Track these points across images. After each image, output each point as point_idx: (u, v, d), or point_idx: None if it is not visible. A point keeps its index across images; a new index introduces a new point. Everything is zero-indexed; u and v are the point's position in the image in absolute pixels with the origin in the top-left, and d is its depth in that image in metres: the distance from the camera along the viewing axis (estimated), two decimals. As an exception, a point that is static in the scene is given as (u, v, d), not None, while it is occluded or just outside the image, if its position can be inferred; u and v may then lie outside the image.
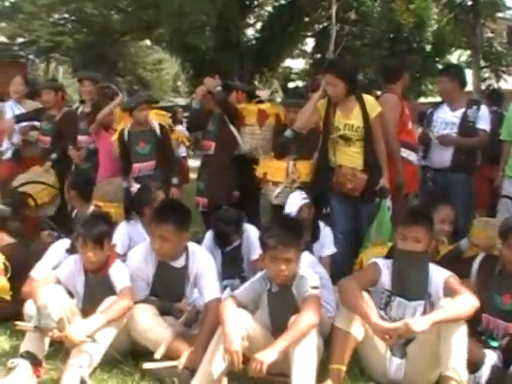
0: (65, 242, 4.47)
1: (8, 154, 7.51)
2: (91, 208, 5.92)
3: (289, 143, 6.02)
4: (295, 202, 5.34)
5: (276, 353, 3.49)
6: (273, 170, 6.05)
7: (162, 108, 8.09)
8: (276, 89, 20.67)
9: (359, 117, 5.39)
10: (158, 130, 6.45)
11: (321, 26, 27.48)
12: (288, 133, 5.93)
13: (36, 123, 7.45)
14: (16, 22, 33.88)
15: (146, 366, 3.87)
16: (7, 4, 34.07)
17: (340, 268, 5.21)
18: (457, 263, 4.41)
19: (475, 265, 4.30)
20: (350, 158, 5.46)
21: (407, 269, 3.93)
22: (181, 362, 3.83)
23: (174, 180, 6.41)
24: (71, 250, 4.49)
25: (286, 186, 5.95)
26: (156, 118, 6.62)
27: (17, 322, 3.91)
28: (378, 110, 5.45)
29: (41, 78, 32.05)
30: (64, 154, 7.01)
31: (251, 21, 27.92)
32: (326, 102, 5.53)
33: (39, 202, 6.57)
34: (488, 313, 4.07)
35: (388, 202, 5.42)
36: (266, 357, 3.45)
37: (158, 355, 3.89)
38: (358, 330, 3.79)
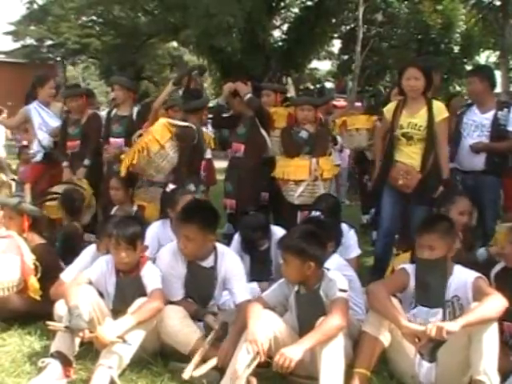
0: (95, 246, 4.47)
1: (38, 157, 7.57)
2: (134, 208, 6.03)
3: (303, 143, 6.12)
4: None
5: (302, 350, 3.48)
6: (294, 168, 6.02)
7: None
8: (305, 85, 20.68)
9: (424, 117, 5.49)
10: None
11: (347, 28, 27.47)
12: (303, 133, 6.09)
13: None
14: (45, 24, 34.28)
15: (195, 373, 3.79)
16: (36, 7, 34.43)
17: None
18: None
19: (492, 273, 4.24)
20: (408, 157, 5.55)
21: (426, 276, 3.90)
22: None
23: (201, 187, 6.43)
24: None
25: (308, 184, 5.93)
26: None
27: (48, 322, 3.93)
28: (444, 114, 5.53)
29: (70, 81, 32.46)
30: (95, 157, 7.05)
31: (277, 22, 28.01)
32: (395, 104, 5.70)
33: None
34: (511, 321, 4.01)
35: None
36: (293, 354, 3.44)
37: (188, 372, 3.83)
38: (385, 336, 3.77)
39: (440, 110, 5.53)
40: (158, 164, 6.10)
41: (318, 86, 25.91)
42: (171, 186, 5.91)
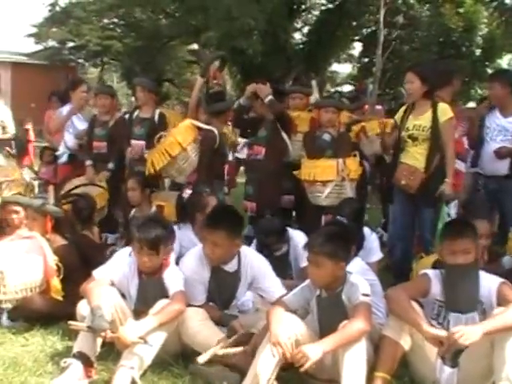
0: (129, 249, 4.48)
1: (63, 158, 7.65)
2: (153, 208, 6.07)
3: (326, 146, 6.16)
4: None
5: (321, 351, 3.46)
6: (321, 169, 6.01)
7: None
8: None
9: (429, 118, 5.61)
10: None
11: (368, 30, 27.38)
12: (326, 136, 6.16)
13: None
14: (66, 27, 34.50)
15: (200, 359, 3.85)
16: (58, 9, 34.69)
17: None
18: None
19: None
20: (413, 157, 5.66)
21: (459, 282, 3.86)
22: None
23: (225, 189, 6.44)
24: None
25: (336, 184, 5.93)
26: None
27: (70, 322, 3.96)
28: (448, 115, 5.62)
29: (91, 83, 32.62)
30: (119, 159, 7.10)
31: (299, 25, 27.97)
32: (404, 109, 5.84)
33: (97, 206, 6.67)
34: None
35: (449, 210, 5.43)
36: (312, 353, 3.43)
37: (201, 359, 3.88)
38: (406, 340, 3.76)
39: (444, 111, 5.61)
40: (179, 166, 6.18)
41: (336, 89, 25.89)
42: (188, 191, 5.94)
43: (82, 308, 4.05)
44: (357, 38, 28.74)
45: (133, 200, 6.28)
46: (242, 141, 9.39)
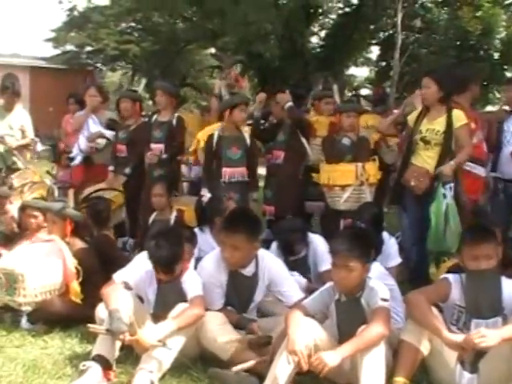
0: None
1: (77, 161, 7.70)
2: (174, 213, 6.08)
3: (346, 151, 6.18)
4: None
5: (339, 357, 3.46)
6: (340, 173, 6.02)
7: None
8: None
9: (443, 123, 5.64)
10: (248, 139, 6.43)
11: (386, 34, 27.25)
12: (346, 140, 6.19)
13: (104, 131, 7.60)
14: (85, 31, 34.64)
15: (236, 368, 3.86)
16: (77, 14, 34.84)
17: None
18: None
19: None
20: (423, 160, 5.70)
21: (481, 288, 3.83)
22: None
23: (254, 195, 6.36)
24: None
25: (354, 189, 5.91)
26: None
27: (89, 325, 3.97)
28: (463, 121, 5.65)
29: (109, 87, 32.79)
30: (138, 164, 7.13)
31: (316, 29, 27.93)
32: (417, 112, 5.86)
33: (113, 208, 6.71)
34: None
35: (445, 191, 5.45)
36: (330, 359, 3.42)
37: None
38: (425, 345, 3.73)
39: (459, 117, 5.65)
40: None
41: (357, 92, 25.83)
42: (208, 195, 5.94)
43: (101, 311, 4.06)
44: (374, 41, 28.63)
45: (158, 205, 6.22)
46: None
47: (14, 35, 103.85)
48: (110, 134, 7.59)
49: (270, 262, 4.44)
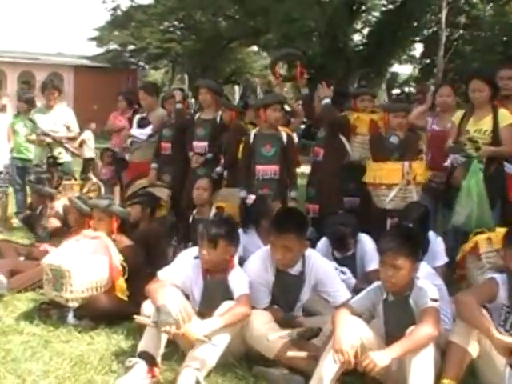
0: (194, 250, 4.50)
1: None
2: (213, 210, 6.07)
3: (393, 149, 6.07)
4: None
5: (389, 357, 3.42)
6: (386, 172, 5.92)
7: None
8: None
9: (489, 123, 5.59)
10: (284, 138, 6.33)
11: (430, 31, 27.00)
12: (394, 139, 6.09)
13: (132, 131, 7.68)
14: (128, 30, 35.02)
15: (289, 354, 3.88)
16: (120, 13, 35.27)
17: None
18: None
19: None
20: None
21: None
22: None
23: (293, 193, 6.24)
24: None
25: (400, 188, 5.85)
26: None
27: (135, 316, 4.01)
28: (509, 120, 5.58)
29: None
30: (182, 160, 7.17)
31: (358, 26, 27.77)
32: (461, 113, 5.83)
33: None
34: None
35: (481, 166, 5.44)
36: (380, 359, 3.39)
37: None
38: (473, 347, 3.68)
39: (505, 116, 5.61)
40: None
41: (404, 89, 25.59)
42: (252, 197, 5.93)
43: (147, 307, 4.08)
44: (418, 38, 28.38)
45: (199, 199, 6.22)
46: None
47: (59, 35, 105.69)
48: (138, 132, 7.64)
49: (317, 262, 4.41)
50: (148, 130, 7.62)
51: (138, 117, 7.80)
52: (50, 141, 8.39)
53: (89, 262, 4.81)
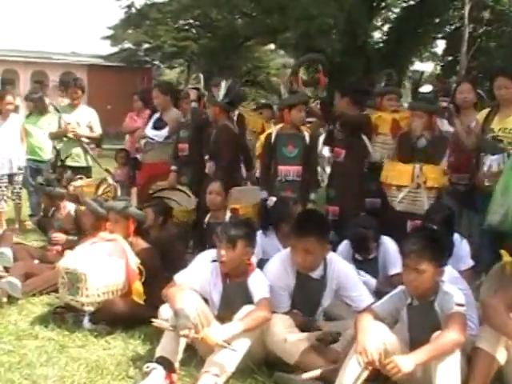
0: (211, 253, 4.51)
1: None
2: (228, 214, 6.04)
3: (419, 150, 5.99)
4: None
5: (414, 363, 3.40)
6: (396, 173, 5.92)
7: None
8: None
9: None
10: (307, 138, 6.35)
11: (452, 27, 26.85)
12: (421, 142, 5.98)
13: (147, 132, 7.69)
14: (142, 28, 35.11)
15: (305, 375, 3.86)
16: (134, 11, 35.39)
17: None
18: None
19: None
20: None
21: None
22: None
23: (312, 196, 6.25)
24: None
25: (410, 191, 5.81)
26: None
27: (153, 320, 4.00)
28: None
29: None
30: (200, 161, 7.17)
31: (378, 23, 27.68)
32: (486, 111, 5.82)
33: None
34: None
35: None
36: (404, 364, 3.37)
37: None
38: (501, 353, 3.66)
39: None
40: None
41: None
42: (273, 199, 5.92)
43: (164, 311, 4.06)
44: (440, 35, 28.25)
45: (213, 204, 6.15)
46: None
47: (72, 33, 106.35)
48: (154, 133, 7.65)
49: (339, 265, 4.41)
50: (164, 132, 7.60)
51: (155, 117, 7.78)
52: (72, 135, 8.51)
53: (105, 265, 4.84)
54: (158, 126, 7.70)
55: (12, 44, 77.55)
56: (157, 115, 7.76)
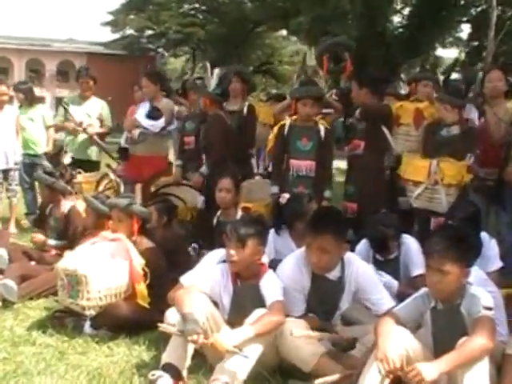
0: (219, 252, 4.52)
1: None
2: (239, 212, 6.00)
3: (445, 144, 5.97)
4: None
5: (438, 371, 3.37)
6: (413, 168, 5.93)
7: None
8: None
9: None
10: (322, 131, 6.31)
11: (478, 9, 26.68)
12: (445, 132, 6.00)
13: (141, 120, 7.67)
14: (145, 13, 35.12)
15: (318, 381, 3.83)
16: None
17: None
18: None
19: None
20: None
21: None
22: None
23: (327, 193, 6.21)
24: None
25: (426, 187, 5.80)
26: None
27: (159, 324, 4.01)
28: None
29: (172, 74, 33.08)
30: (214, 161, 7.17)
31: (398, 6, 27.51)
32: None
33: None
34: None
35: None
36: (427, 372, 3.34)
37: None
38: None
39: None
40: None
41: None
42: (286, 196, 5.90)
43: (171, 315, 4.08)
44: (465, 18, 28.10)
45: (223, 202, 6.06)
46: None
47: (69, 19, 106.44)
48: (148, 123, 7.62)
49: (358, 266, 4.41)
50: (161, 122, 7.56)
51: (146, 105, 7.69)
52: (80, 131, 8.54)
53: (107, 266, 4.85)
54: (153, 116, 7.61)
55: (5, 30, 77.79)
56: (146, 103, 7.72)
